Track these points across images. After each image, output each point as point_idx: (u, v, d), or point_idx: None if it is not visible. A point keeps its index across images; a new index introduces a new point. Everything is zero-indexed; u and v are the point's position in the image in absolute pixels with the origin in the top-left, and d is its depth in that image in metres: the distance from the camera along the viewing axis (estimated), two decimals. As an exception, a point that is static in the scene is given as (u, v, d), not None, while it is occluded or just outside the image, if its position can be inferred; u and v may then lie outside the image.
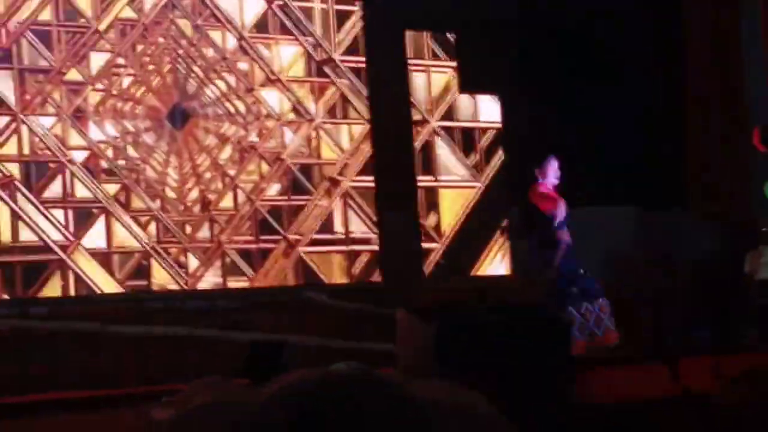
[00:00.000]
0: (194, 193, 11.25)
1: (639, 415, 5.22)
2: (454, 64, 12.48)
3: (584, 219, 10.91)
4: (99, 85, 10.99)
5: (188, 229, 11.13)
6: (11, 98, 10.55)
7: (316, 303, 10.74)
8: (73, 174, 10.71)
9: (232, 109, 11.49)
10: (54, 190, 10.70)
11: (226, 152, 11.40)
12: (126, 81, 11.12)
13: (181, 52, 11.34)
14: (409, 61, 12.19)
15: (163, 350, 9.72)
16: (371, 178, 11.84)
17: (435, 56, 12.54)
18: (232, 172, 11.41)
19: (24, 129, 10.59)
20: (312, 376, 0.89)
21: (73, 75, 10.90)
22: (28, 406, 7.62)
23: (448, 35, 12.51)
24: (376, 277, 11.75)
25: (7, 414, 6.96)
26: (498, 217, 12.20)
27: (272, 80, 11.62)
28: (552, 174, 9.85)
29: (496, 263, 12.45)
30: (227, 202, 11.44)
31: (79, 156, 10.81)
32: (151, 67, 11.20)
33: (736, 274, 10.94)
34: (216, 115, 11.39)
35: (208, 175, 11.34)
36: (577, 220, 10.60)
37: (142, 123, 11.07)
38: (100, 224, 10.81)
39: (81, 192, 10.78)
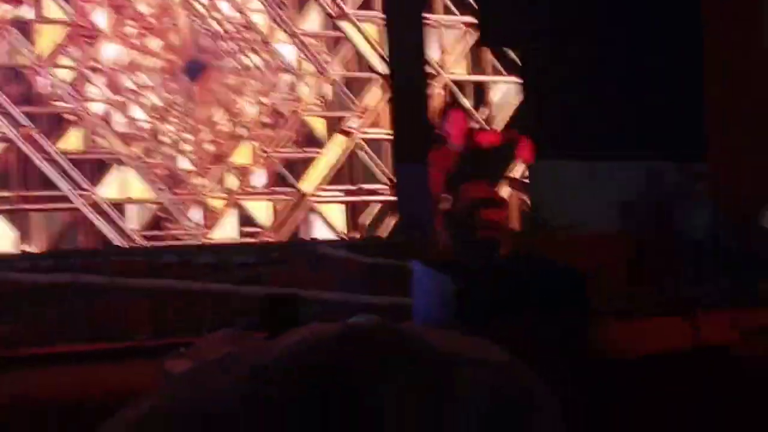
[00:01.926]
0: (210, 146, 11.29)
1: (656, 368, 5.20)
2: (467, 19, 12.43)
3: (601, 171, 10.87)
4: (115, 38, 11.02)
5: (203, 181, 11.15)
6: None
7: (331, 257, 10.74)
8: (88, 127, 10.70)
9: (249, 63, 11.47)
10: (71, 142, 10.69)
11: (242, 106, 11.45)
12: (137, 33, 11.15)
13: (197, 5, 11.32)
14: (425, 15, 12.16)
15: (176, 305, 9.74)
16: (383, 131, 11.82)
17: (447, 11, 12.48)
18: (247, 126, 11.40)
19: (39, 80, 10.62)
20: (330, 329, 0.85)
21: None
22: (37, 358, 7.65)
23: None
24: (386, 230, 11.78)
25: (17, 366, 6.97)
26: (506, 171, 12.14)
27: (289, 34, 11.57)
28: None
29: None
30: (244, 158, 11.44)
31: (96, 109, 10.82)
32: (166, 19, 11.20)
33: (753, 227, 10.91)
34: (232, 69, 11.41)
35: (224, 128, 11.38)
36: (593, 172, 10.55)
37: (157, 77, 11.08)
38: (115, 176, 10.81)
39: (98, 143, 10.82)
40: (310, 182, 11.55)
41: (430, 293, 6.86)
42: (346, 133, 11.76)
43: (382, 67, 11.92)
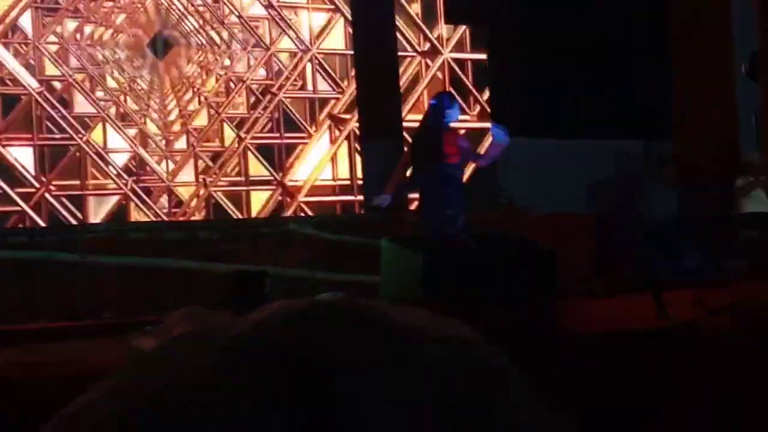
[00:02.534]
0: (177, 126, 11.27)
1: (623, 345, 5.23)
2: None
3: (570, 152, 10.90)
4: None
5: (170, 165, 11.15)
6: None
7: (299, 234, 10.73)
8: (77, 91, 11.19)
9: (216, 38, 11.36)
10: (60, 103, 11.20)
11: (211, 83, 11.36)
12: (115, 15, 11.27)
13: None
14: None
15: (144, 282, 9.72)
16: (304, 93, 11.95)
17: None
18: (206, 93, 11.38)
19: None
20: (296, 305, 0.84)
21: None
22: (6, 335, 7.61)
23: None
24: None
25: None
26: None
27: (264, 6, 11.43)
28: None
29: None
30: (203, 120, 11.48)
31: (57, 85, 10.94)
32: None
33: (723, 206, 10.97)
34: (199, 44, 11.31)
35: (191, 107, 11.31)
36: (559, 153, 10.58)
37: (123, 51, 11.07)
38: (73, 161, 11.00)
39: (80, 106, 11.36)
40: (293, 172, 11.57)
41: (398, 270, 6.88)
42: (336, 119, 11.66)
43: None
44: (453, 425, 0.83)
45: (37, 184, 10.54)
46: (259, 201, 11.53)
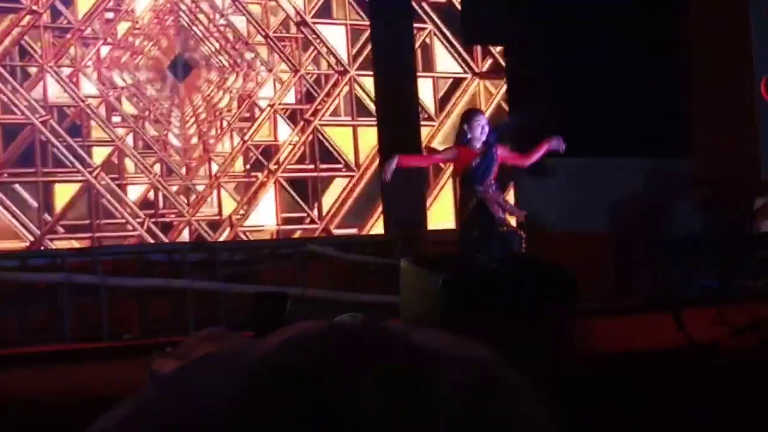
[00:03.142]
0: (194, 139, 11.75)
1: (643, 364, 5.22)
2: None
3: (587, 170, 10.90)
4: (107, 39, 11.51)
5: (191, 196, 11.72)
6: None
7: (320, 255, 10.75)
8: (90, 118, 11.33)
9: (231, 61, 11.92)
10: (71, 131, 11.29)
11: (225, 101, 11.90)
12: (132, 37, 11.66)
13: (183, 7, 11.76)
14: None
15: (165, 303, 9.75)
16: (343, 119, 12.20)
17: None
18: (228, 118, 12.00)
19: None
20: (316, 328, 0.86)
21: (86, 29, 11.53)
22: (29, 357, 7.65)
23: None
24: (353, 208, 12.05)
25: (8, 365, 6.97)
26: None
27: (264, 36, 12.16)
28: (477, 131, 9.44)
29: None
30: (225, 147, 12.09)
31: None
32: (154, 20, 11.61)
33: (741, 225, 10.95)
34: (216, 66, 11.77)
35: (213, 131, 11.89)
36: (578, 172, 10.58)
37: (145, 74, 11.44)
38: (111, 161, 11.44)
39: (96, 134, 11.47)
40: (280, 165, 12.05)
41: (417, 291, 6.88)
42: (308, 122, 12.06)
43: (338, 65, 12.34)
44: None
45: (35, 230, 10.76)
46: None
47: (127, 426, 0.83)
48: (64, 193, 11.16)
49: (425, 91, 12.70)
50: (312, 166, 12.22)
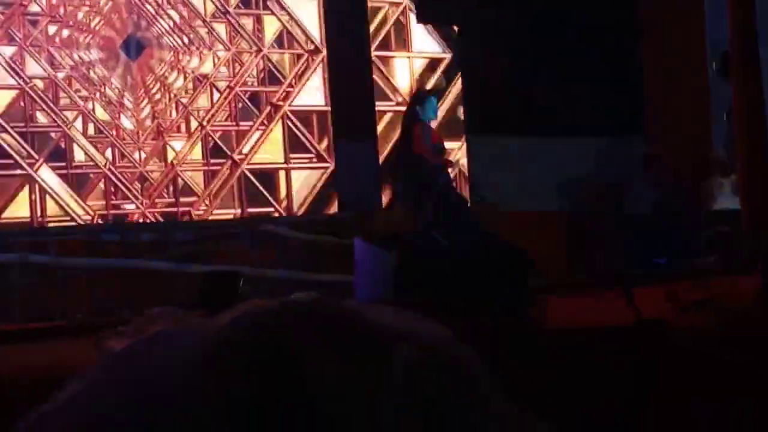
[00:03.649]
0: (148, 122, 11.41)
1: (594, 341, 5.26)
2: None
3: (541, 149, 10.94)
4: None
5: (143, 155, 11.31)
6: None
7: (273, 234, 10.72)
8: (33, 101, 10.87)
9: (186, 40, 11.55)
10: (13, 115, 10.83)
11: (180, 82, 11.57)
12: (81, 13, 11.25)
13: None
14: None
15: (117, 283, 9.69)
16: (314, 104, 11.89)
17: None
18: (184, 101, 11.48)
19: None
20: (268, 305, 0.86)
21: (32, 6, 11.06)
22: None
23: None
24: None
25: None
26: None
27: (222, 12, 11.74)
28: (431, 112, 9.55)
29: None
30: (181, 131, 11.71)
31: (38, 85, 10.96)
32: None
33: (692, 202, 11.04)
34: (170, 45, 11.49)
35: (162, 104, 11.50)
36: (532, 151, 10.62)
37: (97, 53, 11.14)
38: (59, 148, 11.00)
39: (41, 119, 11.01)
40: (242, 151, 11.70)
41: (370, 269, 6.89)
42: (276, 107, 11.83)
43: (308, 45, 12.01)
44: (424, 420, 0.84)
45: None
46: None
47: (80, 402, 0.83)
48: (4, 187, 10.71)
49: (401, 71, 12.53)
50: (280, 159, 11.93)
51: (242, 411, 0.78)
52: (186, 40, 11.64)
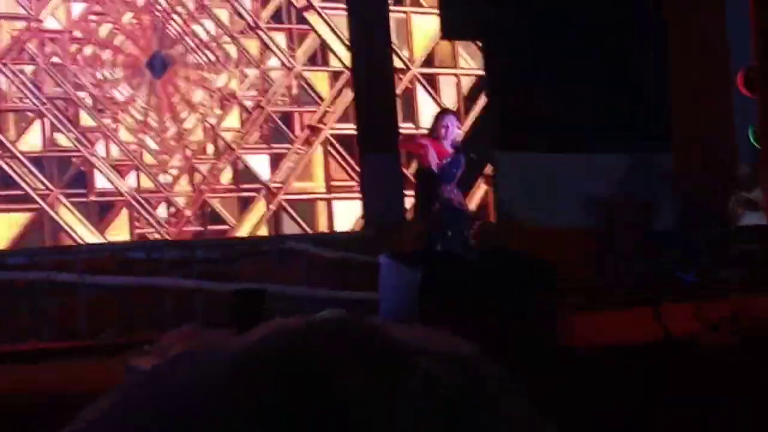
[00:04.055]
0: (174, 142, 11.20)
1: (622, 358, 5.24)
2: (435, 10, 12.36)
3: (566, 166, 10.92)
4: (77, 34, 10.89)
5: (168, 178, 11.07)
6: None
7: (298, 252, 10.72)
8: (52, 123, 10.62)
9: (212, 57, 11.38)
10: (31, 140, 10.61)
11: (206, 100, 11.33)
12: (104, 30, 11.03)
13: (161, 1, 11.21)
14: (391, 7, 12.09)
15: (143, 301, 9.72)
16: (352, 125, 11.78)
17: (415, 2, 12.43)
18: (212, 120, 11.30)
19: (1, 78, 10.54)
20: (294, 324, 0.86)
21: (51, 23, 10.80)
22: (8, 355, 7.62)
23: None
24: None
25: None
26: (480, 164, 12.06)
27: (252, 28, 11.49)
28: (441, 131, 9.53)
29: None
30: (208, 150, 11.40)
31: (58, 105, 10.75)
32: (129, 14, 11.08)
33: (718, 219, 10.99)
34: (196, 63, 11.30)
35: (188, 124, 11.26)
36: (559, 168, 10.60)
37: (120, 71, 10.98)
38: (79, 173, 10.75)
39: (61, 141, 10.73)
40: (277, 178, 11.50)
41: (396, 287, 6.88)
42: (314, 129, 11.68)
43: (347, 60, 11.87)
44: (444, 425, 0.85)
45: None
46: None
47: (109, 420, 0.83)
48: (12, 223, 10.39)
49: (448, 90, 12.42)
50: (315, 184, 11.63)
51: (273, 416, 0.79)
52: (213, 57, 11.41)
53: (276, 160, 11.47)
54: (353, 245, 10.83)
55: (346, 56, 11.80)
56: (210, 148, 11.35)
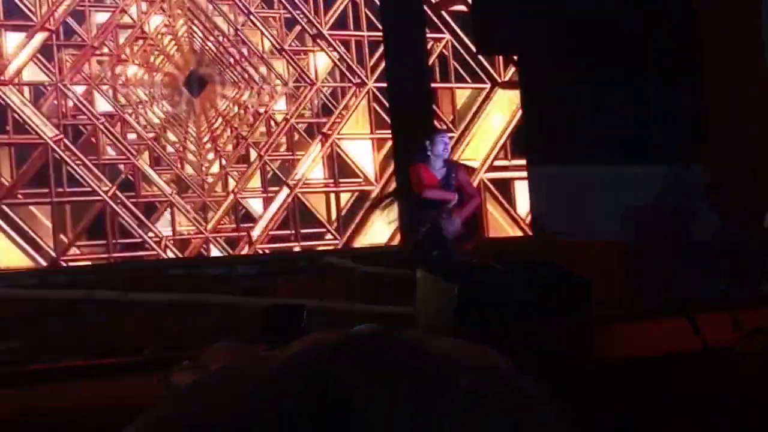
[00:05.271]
0: (210, 154, 11.79)
1: (659, 369, 5.23)
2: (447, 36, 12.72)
3: (602, 178, 10.90)
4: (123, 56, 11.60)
5: (206, 186, 11.71)
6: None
7: (336, 267, 10.76)
8: (105, 135, 11.43)
9: (245, 76, 12.00)
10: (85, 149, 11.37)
11: (240, 115, 11.98)
12: (150, 55, 11.80)
13: (197, 23, 11.85)
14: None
15: (183, 316, 9.78)
16: (361, 132, 12.32)
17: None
18: (244, 133, 12.04)
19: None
20: (330, 338, 0.89)
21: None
22: (50, 373, 7.68)
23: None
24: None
25: (28, 382, 7.01)
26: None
27: (278, 50, 12.23)
28: (440, 147, 9.51)
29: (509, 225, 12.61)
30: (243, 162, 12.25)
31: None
32: (168, 37, 11.69)
33: (755, 228, 10.93)
34: (230, 81, 11.81)
35: (223, 137, 11.95)
36: (593, 181, 10.58)
37: (161, 90, 11.44)
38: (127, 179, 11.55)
39: (110, 151, 11.59)
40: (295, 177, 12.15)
41: (433, 300, 6.89)
42: (326, 135, 12.22)
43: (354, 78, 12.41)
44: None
45: (52, 252, 10.77)
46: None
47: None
48: (78, 213, 11.18)
49: (443, 102, 12.75)
50: (331, 181, 12.31)
51: (292, 425, 0.81)
52: (246, 75, 11.92)
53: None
54: (391, 260, 10.85)
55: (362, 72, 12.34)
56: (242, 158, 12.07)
